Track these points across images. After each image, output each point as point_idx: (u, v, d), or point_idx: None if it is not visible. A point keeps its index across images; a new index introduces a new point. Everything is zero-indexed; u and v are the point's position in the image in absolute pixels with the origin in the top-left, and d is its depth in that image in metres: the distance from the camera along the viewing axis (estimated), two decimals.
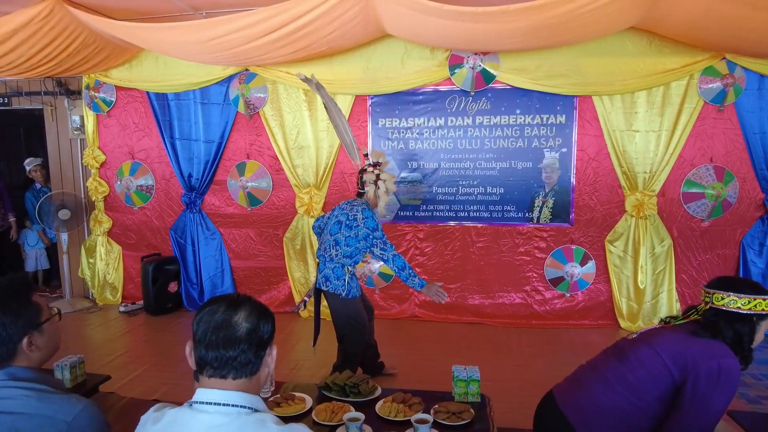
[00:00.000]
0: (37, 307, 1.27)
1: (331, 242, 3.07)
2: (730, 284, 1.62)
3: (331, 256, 3.07)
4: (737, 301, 1.56)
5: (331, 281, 3.04)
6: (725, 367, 1.51)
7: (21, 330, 1.21)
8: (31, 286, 1.31)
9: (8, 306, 1.21)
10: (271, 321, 1.15)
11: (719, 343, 1.56)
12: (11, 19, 3.58)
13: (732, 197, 4.26)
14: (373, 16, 3.60)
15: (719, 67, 4.09)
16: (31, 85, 5.29)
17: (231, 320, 1.09)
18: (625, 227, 4.39)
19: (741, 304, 1.56)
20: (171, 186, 5.16)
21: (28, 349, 1.22)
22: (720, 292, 1.60)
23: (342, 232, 3.04)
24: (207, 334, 1.08)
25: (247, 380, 1.10)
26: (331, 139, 4.66)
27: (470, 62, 4.35)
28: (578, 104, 4.35)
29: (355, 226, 3.01)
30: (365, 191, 3.19)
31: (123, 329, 4.65)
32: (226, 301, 1.13)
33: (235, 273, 5.10)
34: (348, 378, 2.09)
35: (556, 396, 1.78)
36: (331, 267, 3.06)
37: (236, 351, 1.07)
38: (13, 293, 1.24)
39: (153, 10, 3.93)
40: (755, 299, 1.55)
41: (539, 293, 4.60)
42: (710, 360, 1.51)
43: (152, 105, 4.99)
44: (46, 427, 1.12)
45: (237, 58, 4.30)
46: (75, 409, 1.16)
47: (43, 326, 1.27)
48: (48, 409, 1.14)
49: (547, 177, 4.47)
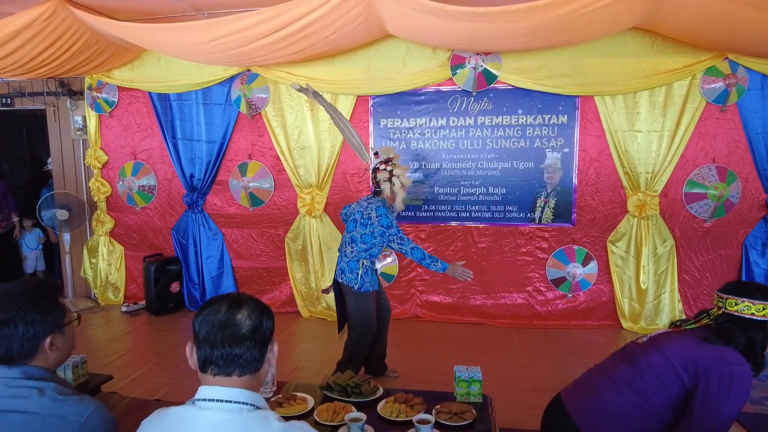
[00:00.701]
0: (62, 308, 1.31)
1: (347, 239, 3.21)
2: (744, 290, 1.58)
3: (346, 252, 3.20)
4: (751, 307, 1.53)
5: (345, 274, 3.17)
6: (737, 374, 1.49)
7: (47, 329, 1.23)
8: (60, 289, 1.36)
9: (39, 304, 1.24)
10: (272, 318, 1.18)
11: (731, 350, 1.54)
12: (14, 20, 3.59)
13: (734, 197, 4.25)
14: (375, 17, 3.60)
15: (722, 67, 4.08)
16: (33, 85, 5.30)
17: (234, 319, 1.11)
18: (627, 227, 4.39)
19: (755, 311, 1.53)
20: (173, 186, 5.17)
21: (49, 349, 1.24)
22: (734, 297, 1.57)
23: (357, 230, 3.15)
24: (211, 334, 1.10)
25: (251, 377, 1.12)
26: (333, 139, 4.66)
27: (472, 62, 4.35)
28: (580, 104, 4.34)
29: (369, 224, 3.11)
30: (381, 189, 3.25)
31: (125, 329, 4.65)
32: (227, 301, 1.15)
33: (236, 273, 5.10)
34: (350, 378, 2.09)
35: (564, 400, 1.76)
36: (346, 261, 3.19)
37: (242, 349, 1.09)
38: (45, 293, 1.28)
39: (155, 10, 3.94)
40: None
41: (541, 294, 4.59)
42: (723, 367, 1.50)
43: (154, 105, 5.00)
44: (58, 427, 1.13)
45: (239, 59, 4.31)
46: (87, 410, 1.17)
47: (65, 328, 1.30)
48: (61, 410, 1.15)
49: (549, 177, 4.47)
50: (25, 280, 1.38)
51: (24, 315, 1.20)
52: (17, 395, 1.16)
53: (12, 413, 1.13)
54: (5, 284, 1.28)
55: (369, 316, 3.16)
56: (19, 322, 1.19)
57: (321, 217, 4.76)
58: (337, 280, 3.25)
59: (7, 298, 1.21)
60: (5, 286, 1.25)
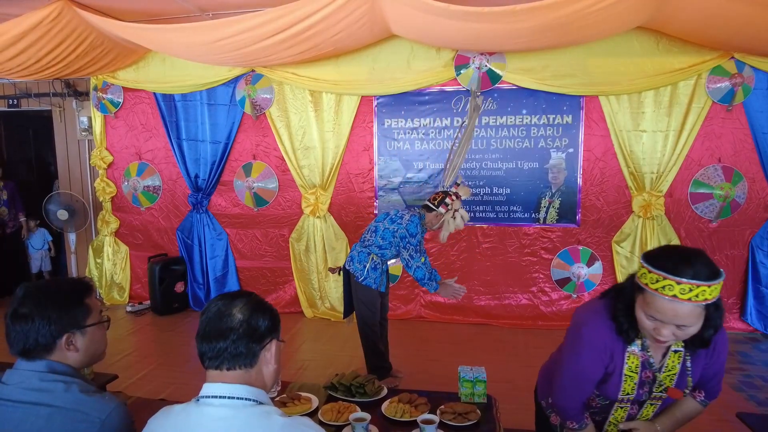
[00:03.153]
0: (86, 308, 1.30)
1: (371, 227, 3.25)
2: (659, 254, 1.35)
3: (363, 239, 3.25)
4: (644, 272, 1.32)
5: (353, 262, 3.22)
6: (580, 320, 1.51)
7: (63, 327, 1.25)
8: (89, 290, 1.35)
9: (58, 302, 1.25)
10: (268, 315, 1.17)
11: (601, 307, 1.46)
12: (21, 22, 3.61)
13: (741, 198, 4.23)
14: (380, 17, 3.61)
15: (728, 67, 4.06)
16: (40, 86, 5.34)
17: (226, 312, 1.13)
18: (632, 228, 4.37)
19: (641, 274, 1.34)
20: (178, 186, 5.19)
21: (66, 347, 1.26)
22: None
23: (384, 222, 3.19)
24: (204, 326, 1.13)
25: (244, 372, 1.12)
26: (337, 139, 4.67)
27: (476, 62, 4.35)
28: (585, 104, 4.33)
29: (398, 222, 3.14)
30: (435, 211, 3.17)
31: (130, 329, 4.67)
32: (227, 296, 1.17)
33: (240, 273, 5.11)
34: (354, 378, 2.10)
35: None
36: (358, 250, 3.24)
37: (226, 342, 1.10)
38: (69, 291, 1.29)
39: (160, 11, 3.95)
40: (645, 268, 1.31)
41: (546, 294, 4.58)
42: (576, 314, 1.54)
43: (159, 106, 5.02)
44: (80, 422, 1.15)
45: (243, 59, 4.32)
46: (108, 407, 1.19)
47: (87, 328, 1.30)
48: (84, 405, 1.17)
49: (554, 177, 4.46)
50: (56, 279, 1.41)
51: (42, 311, 1.22)
52: (43, 388, 1.18)
53: (38, 406, 1.16)
54: (38, 282, 1.32)
55: (369, 310, 3.20)
56: (36, 318, 1.21)
57: (325, 217, 4.77)
58: (346, 267, 3.30)
59: (33, 294, 1.24)
60: (37, 283, 1.29)
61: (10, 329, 1.22)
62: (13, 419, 1.15)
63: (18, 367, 1.23)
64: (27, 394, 1.17)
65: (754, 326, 4.27)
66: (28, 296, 1.24)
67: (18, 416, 1.15)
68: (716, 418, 2.92)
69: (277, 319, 1.20)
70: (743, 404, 3.13)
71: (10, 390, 1.19)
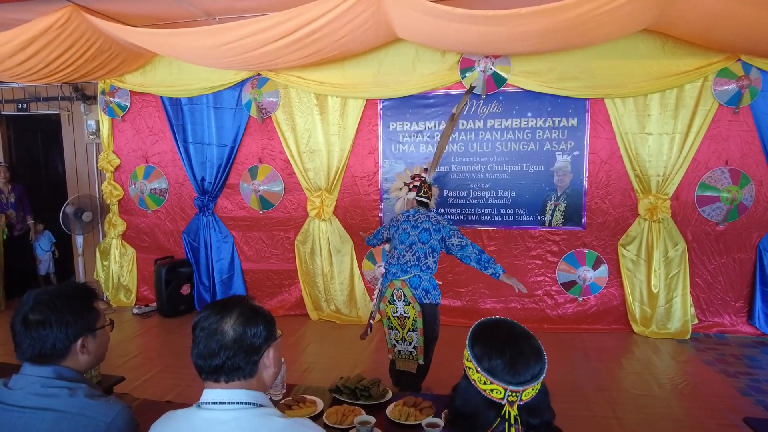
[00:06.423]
0: (97, 312, 1.35)
1: (426, 250, 3.05)
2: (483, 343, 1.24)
3: (427, 265, 3.04)
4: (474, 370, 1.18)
5: (430, 293, 2.99)
6: None
7: (79, 331, 1.28)
8: (96, 294, 1.39)
9: (74, 306, 1.28)
10: (262, 324, 1.16)
11: None
12: (30, 27, 3.66)
13: (748, 200, 4.20)
14: (384, 20, 3.62)
15: (734, 69, 4.04)
16: (48, 90, 5.40)
17: (218, 329, 1.12)
18: (638, 231, 4.35)
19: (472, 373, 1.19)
20: (184, 189, 5.22)
21: (80, 351, 1.29)
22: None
23: (434, 237, 3.08)
24: (197, 344, 1.13)
25: (244, 382, 1.14)
26: (342, 142, 4.68)
27: (481, 65, 4.35)
28: (590, 107, 4.32)
29: (441, 229, 3.11)
30: (427, 202, 3.34)
31: (136, 331, 4.70)
32: (217, 308, 1.16)
33: (246, 276, 5.13)
34: (359, 381, 2.10)
35: None
36: (427, 277, 3.02)
37: (220, 359, 1.11)
38: (81, 296, 1.32)
39: (167, 16, 3.99)
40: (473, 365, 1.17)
41: (551, 297, 4.57)
42: None
43: (166, 109, 5.06)
44: (86, 426, 1.18)
45: (249, 63, 4.34)
46: (113, 411, 1.21)
47: (98, 332, 1.34)
48: (89, 410, 1.20)
49: (559, 180, 4.45)
50: (64, 284, 1.43)
51: (59, 316, 1.24)
52: (49, 394, 1.20)
53: (43, 411, 1.18)
54: (47, 287, 1.33)
55: (438, 325, 3.12)
56: (53, 323, 1.23)
57: (330, 219, 4.78)
58: (424, 302, 2.96)
59: (46, 300, 1.26)
60: (46, 289, 1.31)
61: (23, 336, 1.23)
62: (20, 424, 1.17)
63: (24, 372, 1.25)
64: (33, 400, 1.19)
65: (762, 330, 4.24)
66: (40, 302, 1.25)
67: (24, 421, 1.17)
68: (724, 423, 2.90)
69: (271, 324, 1.19)
70: (751, 409, 3.10)
71: (16, 395, 1.20)
